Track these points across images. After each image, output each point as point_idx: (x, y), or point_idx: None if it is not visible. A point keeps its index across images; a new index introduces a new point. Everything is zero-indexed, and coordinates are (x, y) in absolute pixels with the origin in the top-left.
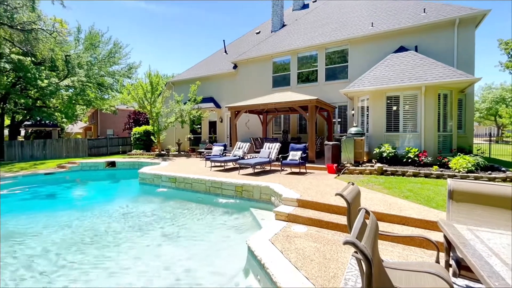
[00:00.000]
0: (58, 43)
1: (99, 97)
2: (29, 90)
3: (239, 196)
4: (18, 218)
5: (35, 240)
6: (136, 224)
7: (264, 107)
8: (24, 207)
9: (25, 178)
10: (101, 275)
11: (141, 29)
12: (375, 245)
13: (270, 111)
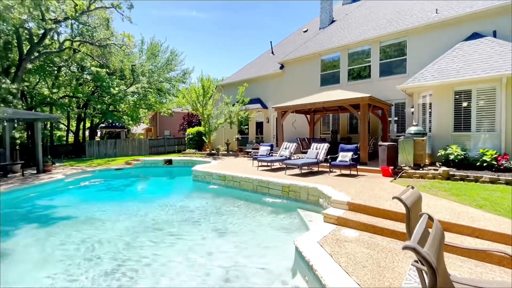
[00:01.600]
0: (126, 55)
1: (158, 101)
2: (104, 97)
3: (285, 196)
4: (95, 205)
5: (110, 224)
6: (190, 217)
7: (311, 107)
8: (100, 196)
9: (101, 172)
10: (161, 260)
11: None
12: (440, 255)
13: (318, 110)
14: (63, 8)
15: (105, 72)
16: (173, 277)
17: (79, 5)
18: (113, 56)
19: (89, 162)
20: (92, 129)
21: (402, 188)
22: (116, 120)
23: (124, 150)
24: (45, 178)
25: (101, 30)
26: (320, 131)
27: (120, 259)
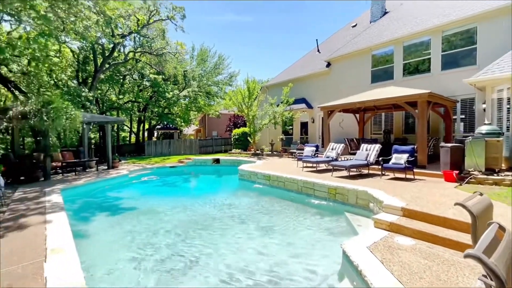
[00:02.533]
0: (179, 62)
1: (207, 104)
2: (160, 101)
3: (332, 198)
4: (154, 199)
5: (166, 216)
6: (236, 214)
7: (361, 105)
8: (157, 191)
9: (158, 169)
10: (209, 253)
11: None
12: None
13: (368, 109)
14: (128, 24)
15: (161, 78)
16: (221, 269)
17: (141, 19)
18: (168, 63)
19: (148, 160)
20: (150, 130)
21: (468, 195)
22: (170, 122)
23: (177, 150)
24: (113, 173)
25: (158, 40)
26: (371, 131)
27: (174, 247)
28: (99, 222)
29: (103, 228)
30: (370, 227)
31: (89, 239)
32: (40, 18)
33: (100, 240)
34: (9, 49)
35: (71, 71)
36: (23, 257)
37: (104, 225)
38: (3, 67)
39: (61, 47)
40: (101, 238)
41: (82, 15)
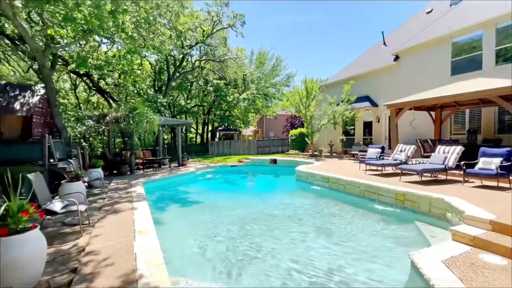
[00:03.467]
0: (239, 66)
1: (264, 105)
2: (222, 104)
3: (399, 205)
4: (217, 194)
5: (227, 211)
6: (293, 214)
7: (437, 102)
8: (220, 187)
9: (220, 168)
10: (266, 249)
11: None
12: None
13: (446, 105)
14: (195, 35)
15: (222, 83)
16: (279, 265)
17: (206, 30)
18: (229, 68)
19: (211, 159)
20: (213, 131)
21: None
22: (231, 123)
23: (237, 150)
24: (183, 170)
25: (220, 48)
26: (450, 131)
27: (236, 239)
28: (172, 212)
29: (175, 217)
30: (447, 239)
31: (165, 226)
32: (128, 38)
33: (173, 227)
34: (106, 66)
35: (149, 81)
36: (119, 235)
37: (176, 214)
38: (101, 81)
39: (142, 61)
40: (173, 225)
41: (159, 32)
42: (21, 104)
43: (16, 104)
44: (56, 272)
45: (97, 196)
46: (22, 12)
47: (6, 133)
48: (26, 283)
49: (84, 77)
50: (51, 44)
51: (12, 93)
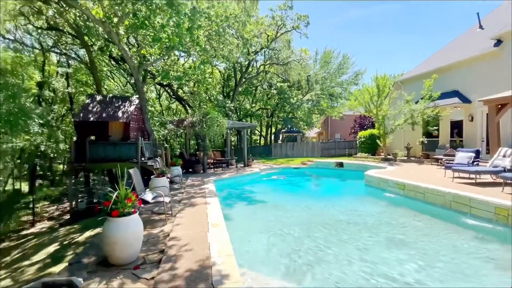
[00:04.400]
0: (303, 68)
1: (329, 106)
2: (285, 106)
3: (503, 221)
4: (280, 195)
5: (290, 212)
6: (361, 222)
7: None
8: (283, 189)
9: (284, 169)
10: (330, 255)
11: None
12: None
13: None
14: (259, 41)
15: (286, 85)
16: (344, 271)
17: (270, 35)
18: (292, 70)
19: (274, 161)
20: (276, 133)
21: None
22: (294, 125)
23: (300, 152)
24: (248, 171)
25: (284, 51)
26: None
27: (299, 240)
28: (239, 209)
29: (242, 214)
30: None
31: (233, 221)
32: (201, 50)
33: (240, 223)
34: (184, 76)
35: (219, 87)
36: (196, 225)
37: (243, 211)
38: (179, 90)
39: (212, 70)
40: (241, 221)
41: (227, 41)
42: (122, 112)
43: (119, 112)
44: (149, 251)
45: (177, 190)
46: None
47: (113, 136)
48: (129, 257)
49: (166, 87)
50: (143, 61)
51: (116, 104)
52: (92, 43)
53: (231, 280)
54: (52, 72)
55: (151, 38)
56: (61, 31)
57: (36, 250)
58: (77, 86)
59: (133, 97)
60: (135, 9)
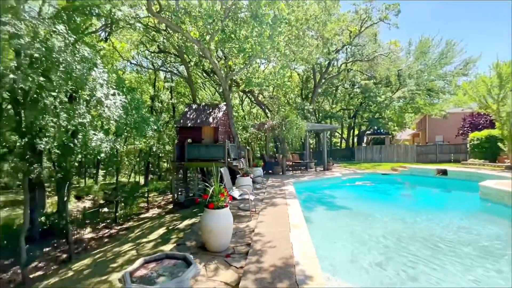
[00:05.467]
0: (392, 61)
1: (428, 103)
2: (371, 105)
3: None
4: (365, 203)
5: (379, 222)
6: (474, 241)
7: None
8: (368, 196)
9: (369, 175)
10: (425, 277)
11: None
12: None
13: None
14: (341, 39)
15: (372, 83)
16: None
17: (353, 31)
18: (379, 66)
19: (358, 165)
20: (359, 136)
21: None
22: (381, 126)
23: (389, 156)
24: (328, 175)
25: (369, 45)
26: None
27: (388, 253)
28: (319, 212)
29: (323, 218)
30: None
31: (314, 224)
32: (281, 55)
33: (321, 226)
34: (265, 82)
35: (297, 90)
36: (278, 224)
37: (323, 216)
38: (260, 95)
39: (291, 73)
40: (322, 225)
41: (307, 44)
42: (213, 118)
43: (210, 118)
44: (237, 243)
45: (259, 190)
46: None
47: (205, 139)
48: (221, 245)
49: (248, 94)
50: (229, 72)
51: (208, 111)
52: (190, 60)
53: (315, 282)
54: (160, 87)
55: (236, 49)
56: (167, 53)
57: (150, 231)
58: (177, 97)
59: (221, 104)
60: (224, 26)
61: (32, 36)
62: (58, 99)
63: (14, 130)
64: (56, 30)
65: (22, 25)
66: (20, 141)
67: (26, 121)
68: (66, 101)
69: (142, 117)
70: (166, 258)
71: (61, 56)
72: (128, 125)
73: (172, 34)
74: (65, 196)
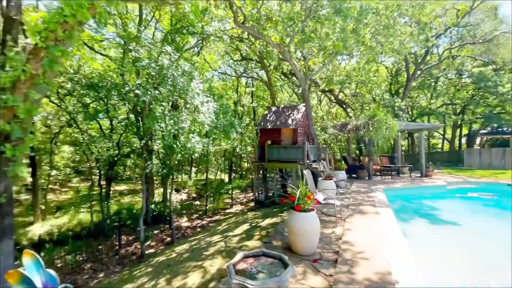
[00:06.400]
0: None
1: None
2: (487, 98)
3: None
4: (485, 222)
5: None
6: None
7: None
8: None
9: (488, 185)
10: None
11: None
12: None
13: None
14: (443, 21)
15: (490, 69)
16: None
17: (461, 9)
18: (501, 47)
19: (469, 172)
20: (469, 136)
21: None
22: (504, 124)
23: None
24: (428, 182)
25: (485, 23)
26: None
27: None
28: (418, 226)
29: (423, 232)
30: None
31: (411, 238)
32: (366, 49)
33: (421, 242)
34: (346, 79)
35: (385, 85)
36: (368, 235)
37: (423, 230)
38: (340, 93)
39: (378, 67)
40: (421, 241)
41: (398, 33)
42: (292, 120)
43: (289, 120)
44: (323, 249)
45: (343, 195)
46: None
47: (284, 140)
48: (308, 249)
49: (327, 92)
50: (309, 72)
51: (287, 113)
52: (269, 64)
53: None
54: (241, 92)
55: (316, 48)
56: (249, 60)
57: (235, 226)
58: (257, 101)
59: (299, 106)
60: (303, 26)
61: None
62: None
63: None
64: (164, 50)
65: (142, 50)
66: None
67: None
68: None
69: (229, 121)
70: (263, 256)
71: (168, 71)
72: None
73: (254, 42)
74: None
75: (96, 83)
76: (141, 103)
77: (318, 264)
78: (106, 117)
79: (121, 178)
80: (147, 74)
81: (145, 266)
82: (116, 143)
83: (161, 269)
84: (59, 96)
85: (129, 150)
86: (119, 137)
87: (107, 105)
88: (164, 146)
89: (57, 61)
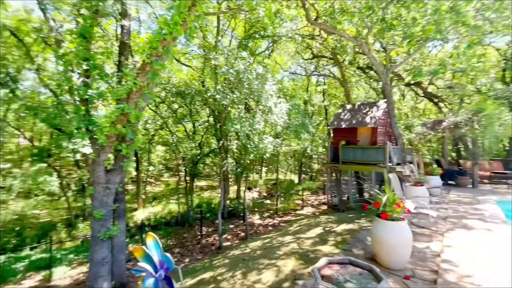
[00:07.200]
0: None
1: None
2: None
3: None
4: None
5: None
6: None
7: None
8: None
9: None
10: None
11: None
12: None
13: None
14: None
15: None
16: None
17: None
18: None
19: None
20: None
21: None
22: None
23: None
24: None
25: None
26: None
27: None
28: None
29: None
30: None
31: None
32: (470, 29)
33: None
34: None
35: (495, 72)
36: (480, 257)
37: None
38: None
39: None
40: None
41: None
42: (370, 118)
43: (367, 118)
44: (416, 265)
45: (437, 204)
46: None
47: (361, 140)
48: (396, 263)
49: (413, 86)
50: (390, 64)
51: (364, 110)
52: (343, 60)
53: None
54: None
55: (399, 37)
56: (321, 57)
57: (307, 228)
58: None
59: (379, 102)
60: (383, 14)
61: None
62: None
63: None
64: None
65: (221, 57)
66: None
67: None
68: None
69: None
70: (349, 264)
71: (244, 75)
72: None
73: (326, 38)
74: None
75: (183, 91)
76: (221, 106)
77: (410, 282)
78: (190, 120)
79: (202, 175)
80: (225, 79)
81: (222, 258)
82: (198, 143)
83: (237, 262)
84: (155, 104)
85: (209, 149)
86: (201, 138)
87: (191, 110)
88: (241, 146)
89: (158, 74)
